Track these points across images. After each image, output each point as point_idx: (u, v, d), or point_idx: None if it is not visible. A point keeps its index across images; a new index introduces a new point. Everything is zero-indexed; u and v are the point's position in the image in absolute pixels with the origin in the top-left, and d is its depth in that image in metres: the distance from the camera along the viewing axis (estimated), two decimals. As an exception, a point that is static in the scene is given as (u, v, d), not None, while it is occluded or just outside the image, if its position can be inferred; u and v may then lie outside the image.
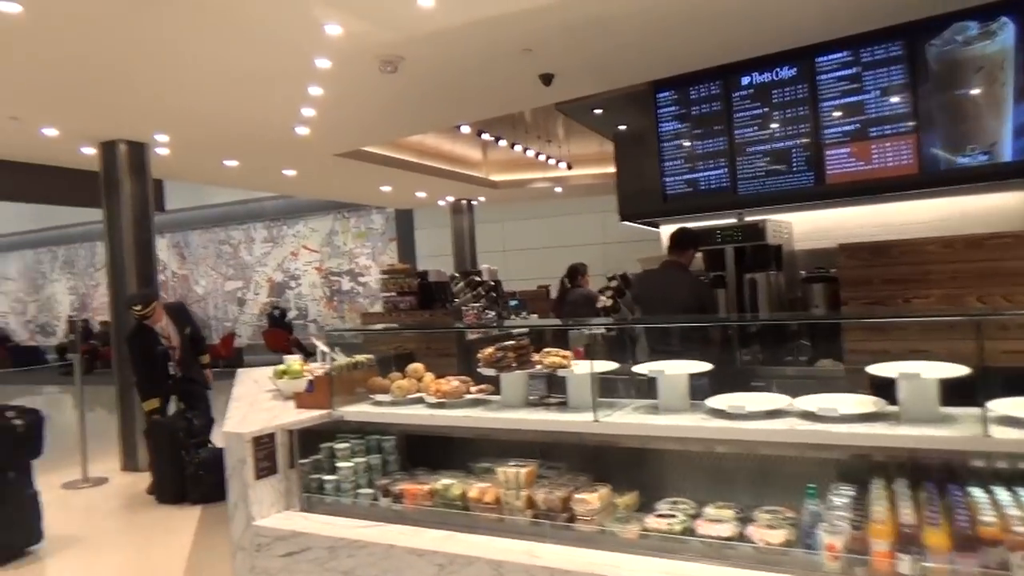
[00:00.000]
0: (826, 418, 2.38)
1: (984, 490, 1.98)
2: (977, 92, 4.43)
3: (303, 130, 6.43)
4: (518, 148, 8.90)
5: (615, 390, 3.41)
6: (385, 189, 10.72)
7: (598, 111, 6.37)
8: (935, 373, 2.29)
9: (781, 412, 2.53)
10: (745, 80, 5.17)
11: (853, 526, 2.02)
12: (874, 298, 3.81)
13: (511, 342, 3.31)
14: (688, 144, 5.45)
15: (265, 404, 3.92)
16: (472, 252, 12.67)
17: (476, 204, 12.78)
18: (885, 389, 2.41)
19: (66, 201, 7.77)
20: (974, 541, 1.81)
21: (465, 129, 7.71)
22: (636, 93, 5.78)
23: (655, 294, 4.32)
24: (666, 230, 5.77)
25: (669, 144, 5.55)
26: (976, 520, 1.84)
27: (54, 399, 12.18)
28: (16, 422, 4.19)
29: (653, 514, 2.47)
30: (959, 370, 2.26)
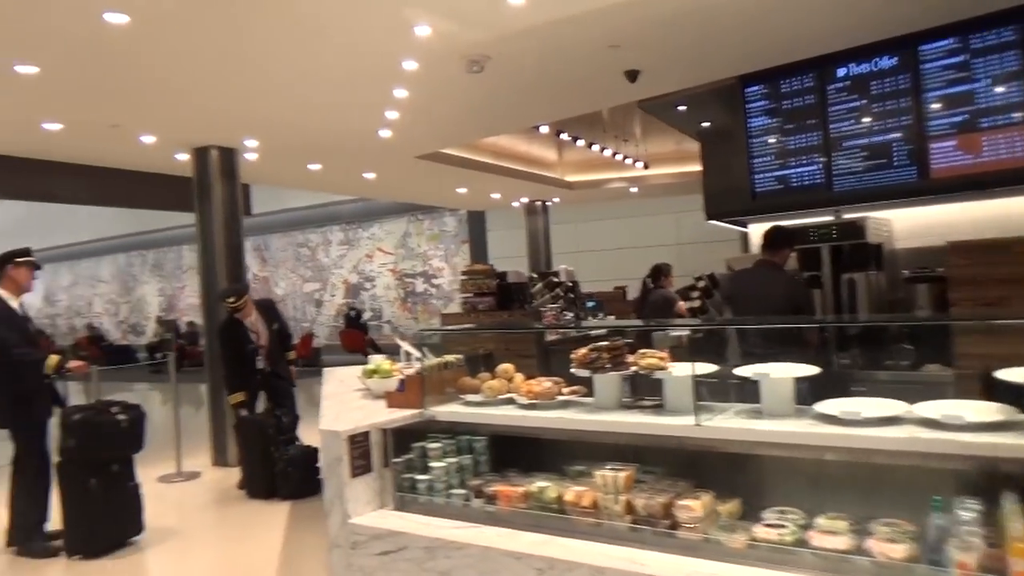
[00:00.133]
0: (951, 426, 2.22)
1: None
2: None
3: (386, 133, 6.52)
4: (595, 148, 8.81)
5: (700, 394, 3.32)
6: (461, 191, 10.79)
7: (682, 108, 6.23)
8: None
9: (898, 419, 2.38)
10: (841, 72, 4.96)
11: (987, 543, 1.87)
12: (987, 299, 3.58)
13: (605, 343, 3.24)
14: (779, 140, 5.26)
15: (355, 403, 3.97)
16: (547, 253, 12.63)
17: (551, 205, 12.73)
18: (1001, 395, 2.25)
19: (160, 206, 8.11)
20: None
21: (544, 129, 7.67)
22: (722, 88, 5.63)
23: (748, 294, 4.18)
24: (755, 229, 5.59)
25: (758, 140, 5.37)
26: None
27: (145, 396, 12.73)
28: (120, 417, 4.37)
29: (760, 523, 2.36)
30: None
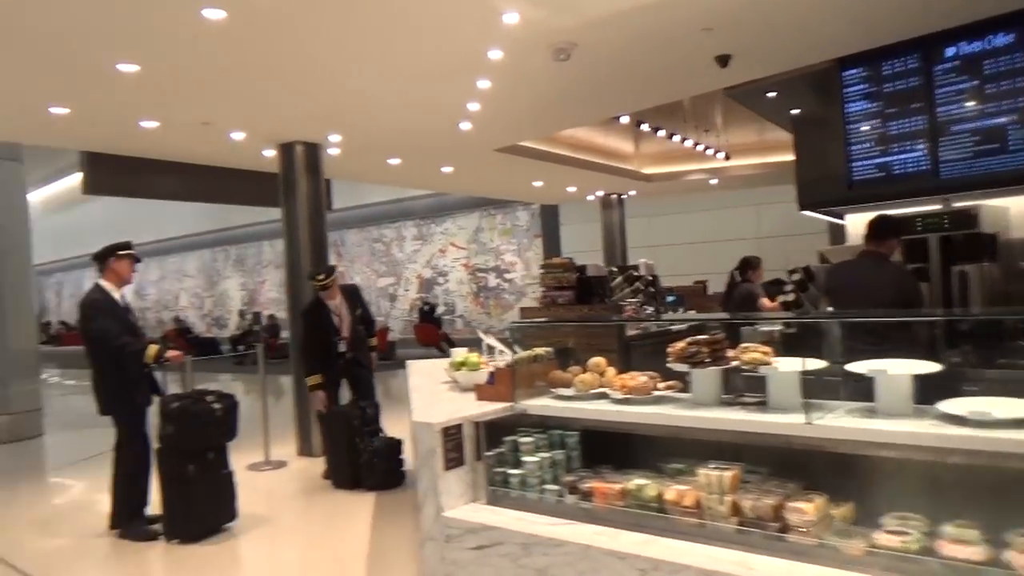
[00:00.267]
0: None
1: None
2: None
3: (466, 125, 6.51)
4: (676, 138, 8.60)
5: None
6: (537, 184, 10.73)
7: (771, 94, 6.00)
8: None
9: (1033, 421, 2.20)
10: (950, 51, 4.66)
11: None
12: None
13: (704, 336, 3.12)
14: (880, 125, 4.98)
15: (444, 395, 3.95)
16: (623, 247, 12.45)
17: (626, 198, 12.54)
18: None
19: (248, 201, 8.34)
20: None
21: (624, 119, 7.52)
22: (817, 73, 5.39)
23: (852, 287, 3.96)
24: (853, 219, 5.33)
25: (856, 126, 5.11)
26: None
27: (229, 386, 13.13)
28: (215, 406, 4.48)
29: (880, 530, 2.21)
30: None
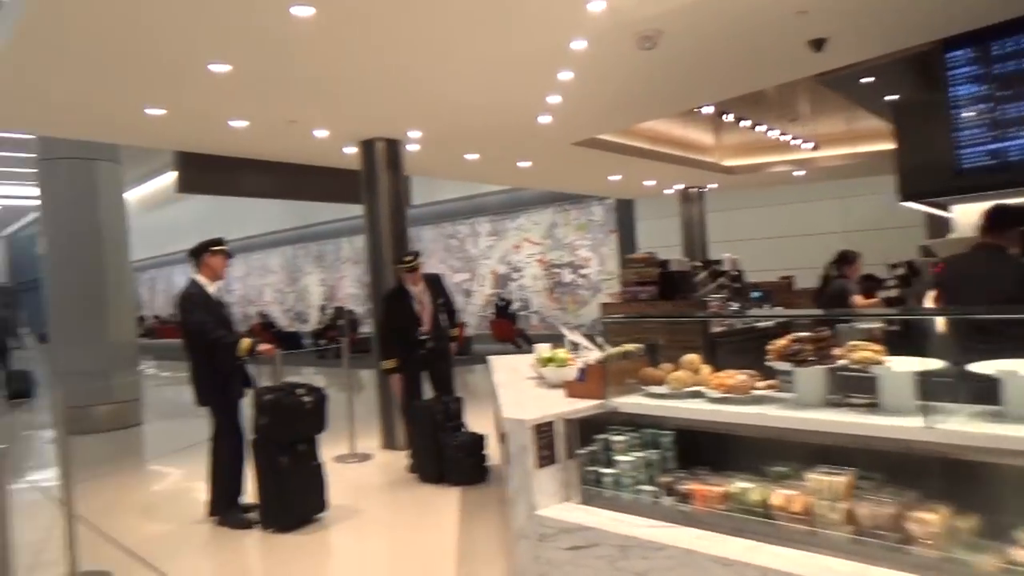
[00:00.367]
0: None
1: None
2: None
3: (545, 119, 6.45)
4: (760, 128, 8.32)
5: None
6: (614, 178, 10.58)
7: (867, 80, 5.72)
8: None
9: None
10: (1068, 27, 4.33)
11: None
12: None
13: (808, 333, 2.98)
14: (990, 109, 4.67)
15: (531, 391, 3.91)
16: (703, 242, 12.17)
17: (706, 192, 12.24)
18: None
19: (330, 198, 8.51)
20: None
21: (708, 109, 7.32)
22: (917, 56, 5.10)
23: (968, 282, 3.71)
24: (961, 210, 5.03)
25: (964, 111, 4.80)
26: None
27: (311, 379, 13.49)
28: (306, 399, 4.57)
29: (1017, 545, 2.06)
30: None
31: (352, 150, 7.14)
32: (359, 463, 6.24)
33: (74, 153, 8.34)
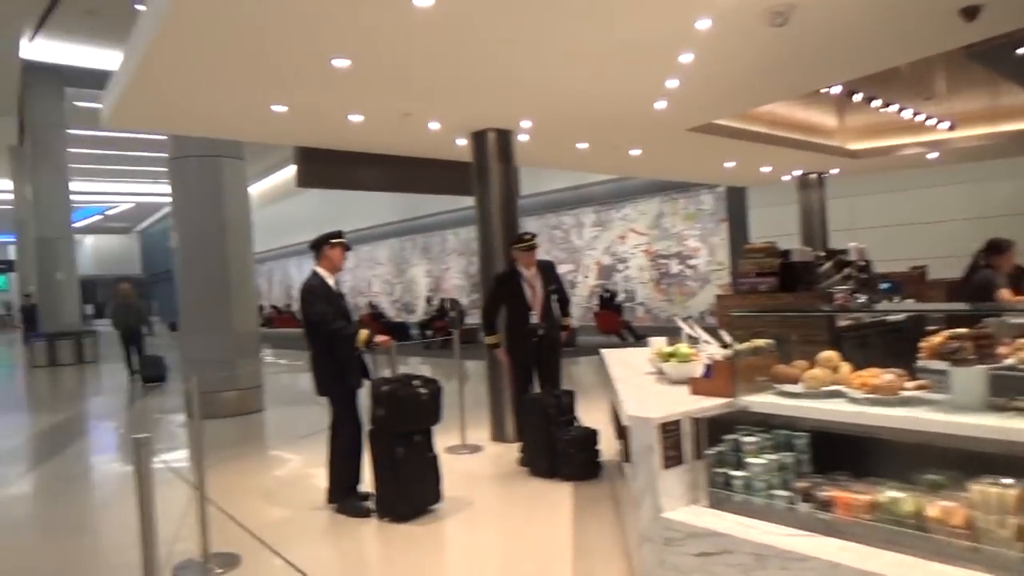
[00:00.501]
0: None
1: None
2: None
3: (661, 104, 6.22)
4: (892, 108, 7.75)
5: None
6: (729, 165, 10.16)
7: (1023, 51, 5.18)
8: None
9: None
10: None
11: None
12: None
13: (967, 330, 2.70)
14: None
15: (652, 387, 3.76)
16: (823, 231, 11.53)
17: (827, 177, 11.58)
18: None
19: (441, 190, 8.57)
20: None
21: (835, 89, 6.86)
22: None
23: None
24: None
25: None
26: None
27: (418, 370, 13.75)
28: (421, 390, 4.58)
29: None
30: None
31: (463, 142, 7.15)
32: (470, 454, 6.25)
33: (202, 151, 8.80)
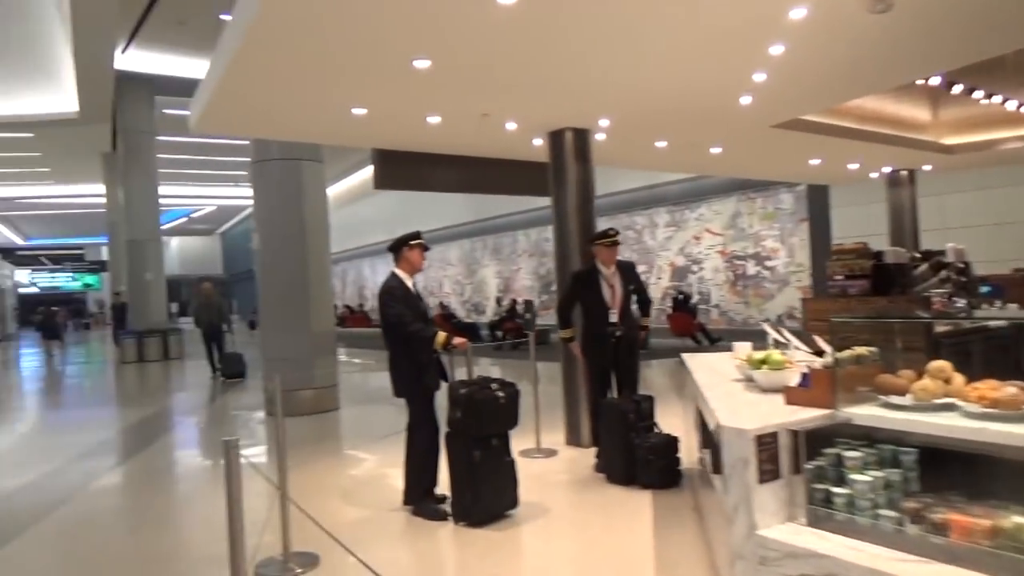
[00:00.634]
0: None
1: None
2: None
3: (747, 99, 5.98)
4: (995, 100, 7.27)
5: None
6: (814, 162, 9.75)
7: None
8: None
9: None
10: None
11: None
12: None
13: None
14: None
15: (741, 396, 3.58)
16: (914, 230, 10.95)
17: (919, 174, 10.99)
18: None
19: (516, 191, 8.51)
20: None
21: (934, 80, 6.45)
22: None
23: None
24: None
25: None
26: None
27: (487, 371, 13.74)
28: (499, 394, 4.52)
29: None
30: None
31: (539, 142, 7.07)
32: (544, 458, 6.15)
33: (283, 155, 9.01)
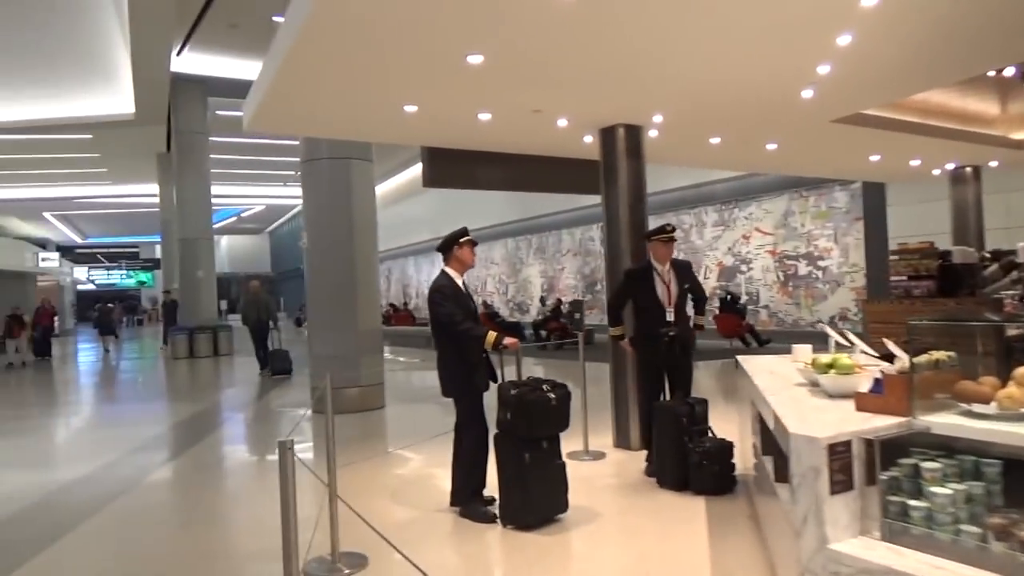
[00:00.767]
0: None
1: None
2: None
3: (808, 92, 5.77)
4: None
5: None
6: (874, 159, 9.41)
7: None
8: None
9: None
10: None
11: None
12: None
13: None
14: None
15: (808, 401, 3.42)
16: (979, 229, 10.51)
17: (985, 170, 10.54)
18: None
19: (564, 189, 8.41)
20: None
21: (1008, 71, 6.13)
22: None
23: None
24: None
25: None
26: None
27: (531, 371, 13.56)
28: (551, 395, 4.42)
29: None
30: None
31: (590, 139, 6.95)
32: (592, 461, 6.04)
33: (333, 153, 9.05)
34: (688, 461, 5.02)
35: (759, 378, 4.13)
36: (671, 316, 5.49)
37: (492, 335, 4.57)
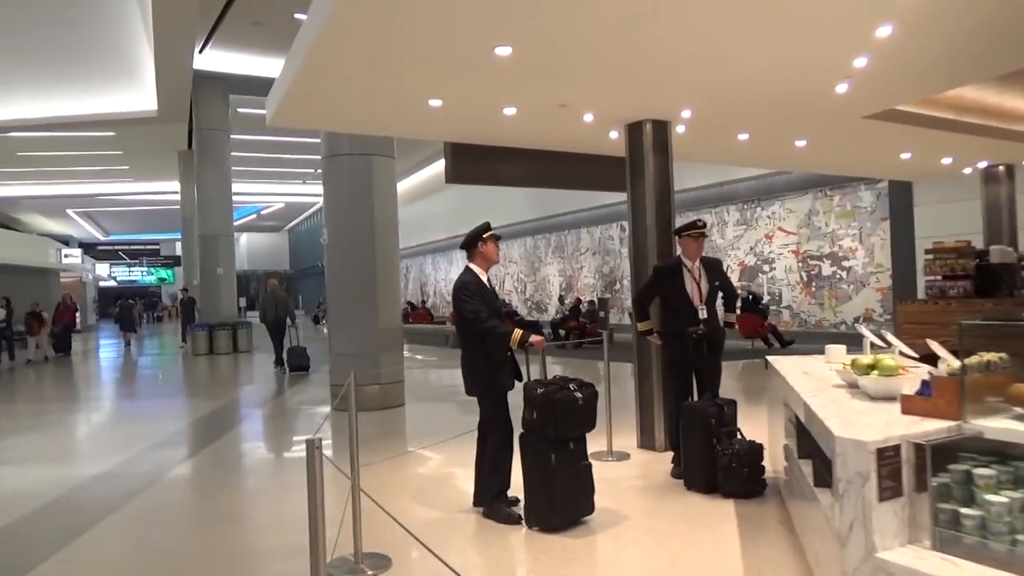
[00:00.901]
0: None
1: None
2: None
3: (843, 87, 5.62)
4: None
5: None
6: (904, 156, 9.21)
7: None
8: None
9: None
10: None
11: None
12: None
13: None
14: None
15: (849, 404, 3.29)
16: (1012, 229, 10.27)
17: (1018, 169, 10.30)
18: None
19: (588, 186, 8.30)
20: None
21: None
22: None
23: None
24: None
25: None
26: None
27: (550, 370, 13.44)
28: (577, 395, 4.32)
29: None
30: None
31: (615, 134, 6.83)
32: (617, 462, 5.93)
33: (354, 150, 8.99)
34: (717, 463, 4.91)
35: (794, 379, 4.01)
36: (704, 314, 5.37)
37: (518, 333, 4.48)
